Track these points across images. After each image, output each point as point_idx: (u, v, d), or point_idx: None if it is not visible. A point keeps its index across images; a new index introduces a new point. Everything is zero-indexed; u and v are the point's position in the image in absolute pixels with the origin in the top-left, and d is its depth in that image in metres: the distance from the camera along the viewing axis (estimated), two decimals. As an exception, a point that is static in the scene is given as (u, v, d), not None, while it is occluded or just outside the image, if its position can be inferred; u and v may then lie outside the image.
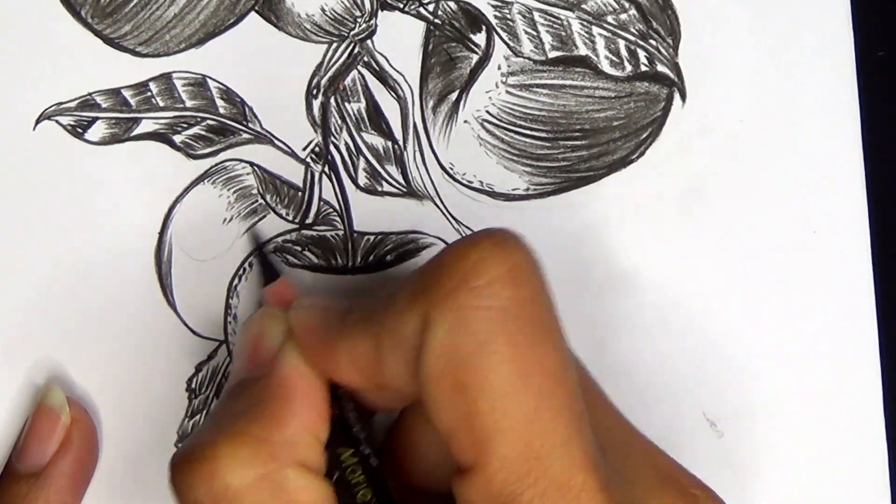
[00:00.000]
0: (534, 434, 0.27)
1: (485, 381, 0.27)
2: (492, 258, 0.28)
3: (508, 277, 0.28)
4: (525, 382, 0.27)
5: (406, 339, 0.28)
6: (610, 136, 0.40)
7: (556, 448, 0.27)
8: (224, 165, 0.39)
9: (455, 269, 0.28)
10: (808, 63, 0.40)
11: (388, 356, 0.29)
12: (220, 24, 0.39)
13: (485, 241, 0.28)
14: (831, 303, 0.40)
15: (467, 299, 0.28)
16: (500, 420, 0.27)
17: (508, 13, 0.40)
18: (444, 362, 0.28)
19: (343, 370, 0.31)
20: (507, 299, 0.28)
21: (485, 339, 0.27)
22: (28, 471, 0.37)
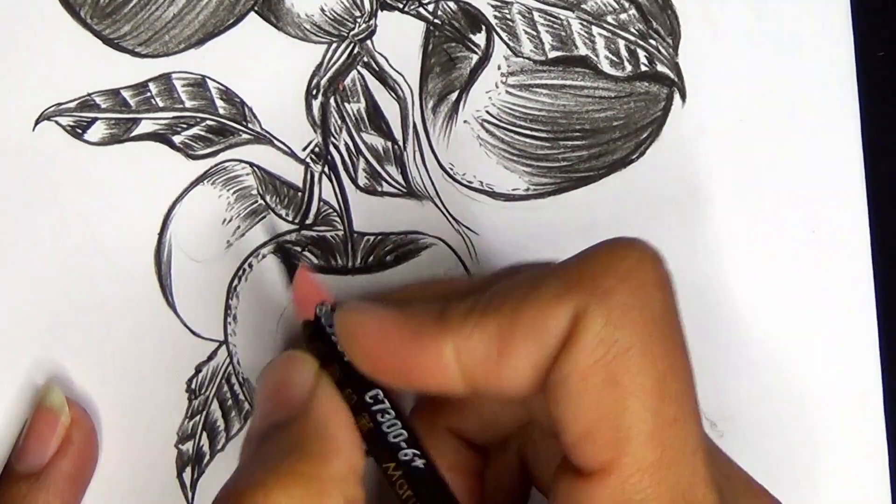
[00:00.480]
0: (671, 439, 0.27)
1: (637, 379, 0.27)
2: (648, 263, 0.29)
3: (661, 284, 0.28)
4: (669, 387, 0.28)
5: (549, 332, 0.28)
6: (610, 136, 0.40)
7: (687, 456, 0.27)
8: (224, 166, 0.39)
9: (615, 267, 0.28)
10: (808, 63, 0.40)
11: (518, 351, 0.28)
12: (219, 24, 0.39)
13: (639, 245, 0.29)
14: (831, 302, 0.40)
15: (627, 297, 0.28)
16: (645, 421, 0.27)
17: (508, 13, 0.40)
18: (599, 356, 0.27)
19: (435, 371, 0.29)
20: (660, 303, 0.28)
21: (641, 338, 0.27)
22: (28, 471, 0.37)
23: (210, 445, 0.39)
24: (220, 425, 0.39)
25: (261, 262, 0.39)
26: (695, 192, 0.40)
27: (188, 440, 0.39)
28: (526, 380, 0.29)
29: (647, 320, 0.28)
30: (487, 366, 0.29)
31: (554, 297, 0.28)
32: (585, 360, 0.27)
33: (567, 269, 0.29)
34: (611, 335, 0.27)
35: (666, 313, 0.28)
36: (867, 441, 0.40)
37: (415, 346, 0.30)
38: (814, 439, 0.40)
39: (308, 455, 0.30)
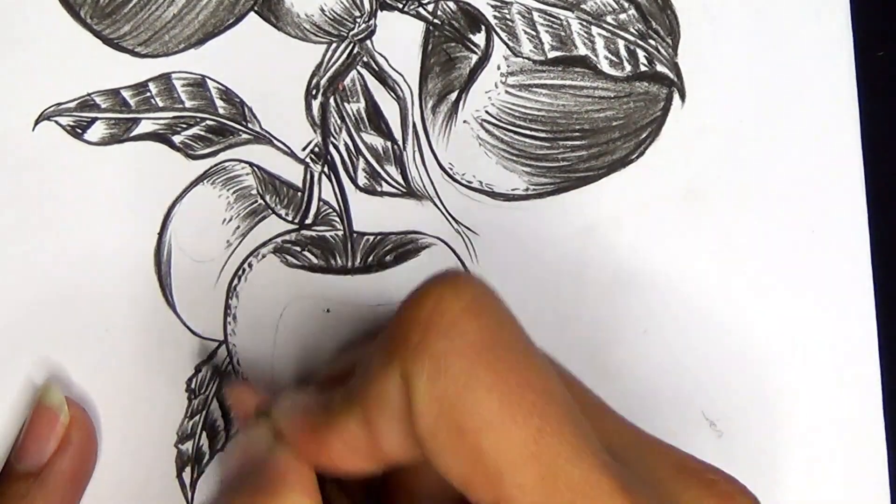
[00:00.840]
0: (543, 451, 0.27)
1: (479, 416, 0.27)
2: (448, 298, 0.28)
3: (469, 311, 0.28)
4: (518, 405, 0.27)
5: (393, 405, 0.28)
6: (609, 136, 0.40)
7: (571, 458, 0.27)
8: (223, 166, 0.39)
9: (416, 320, 0.28)
10: (808, 63, 0.40)
11: (381, 429, 0.29)
12: (219, 24, 0.39)
13: (436, 285, 0.29)
14: (831, 302, 0.40)
15: (437, 344, 0.28)
16: (508, 450, 0.27)
17: (508, 13, 0.40)
18: (436, 412, 0.27)
19: (340, 458, 0.30)
20: (474, 332, 0.28)
21: (466, 376, 0.27)
22: (27, 470, 0.37)
23: (210, 445, 0.39)
24: (219, 425, 0.39)
25: (260, 261, 0.39)
26: (694, 191, 0.40)
27: (188, 440, 0.39)
28: (406, 447, 0.29)
29: (469, 354, 0.27)
30: (371, 448, 0.30)
31: (382, 372, 0.28)
32: (426, 421, 0.28)
33: (386, 339, 0.29)
34: (437, 387, 0.27)
35: (489, 335, 0.28)
36: (867, 440, 0.40)
37: (317, 443, 0.31)
38: (813, 439, 0.40)
39: (257, 493, 0.30)
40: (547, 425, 0.27)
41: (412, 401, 0.28)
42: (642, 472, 0.30)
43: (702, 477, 0.30)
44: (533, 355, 0.29)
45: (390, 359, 0.28)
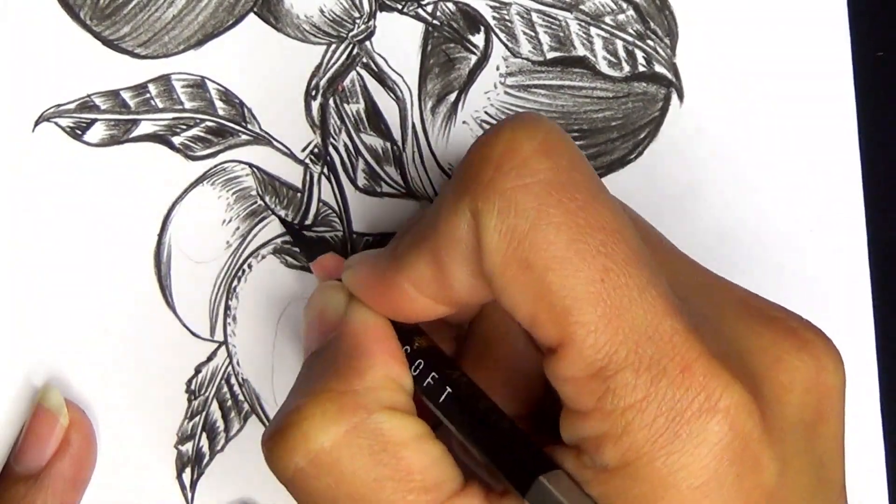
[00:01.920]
0: (609, 291, 0.27)
1: (548, 252, 0.27)
2: (520, 138, 0.28)
3: (541, 151, 0.28)
4: (586, 243, 0.27)
5: (462, 242, 0.28)
6: (608, 136, 0.40)
7: (635, 299, 0.27)
8: (223, 167, 0.39)
9: (489, 158, 0.28)
10: (806, 63, 0.40)
11: (450, 267, 0.29)
12: (218, 25, 0.39)
13: (508, 125, 0.29)
14: (829, 301, 0.40)
15: (508, 181, 0.28)
16: (573, 287, 0.27)
17: (507, 14, 0.40)
18: (504, 248, 0.28)
19: (410, 303, 0.30)
20: (546, 171, 0.28)
21: (536, 213, 0.27)
22: (26, 472, 0.37)
23: (210, 446, 0.39)
24: (219, 426, 0.39)
25: (260, 262, 0.39)
26: (692, 191, 0.40)
27: (188, 441, 0.39)
28: (474, 285, 0.29)
29: (540, 191, 0.28)
30: (441, 287, 0.30)
31: (452, 210, 0.29)
32: (495, 257, 0.28)
33: (455, 178, 0.29)
34: (506, 224, 0.28)
35: (561, 174, 0.28)
36: (864, 440, 0.40)
37: (387, 290, 0.31)
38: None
39: (339, 371, 0.30)
40: (614, 265, 0.27)
41: (481, 236, 0.28)
42: (708, 312, 0.30)
43: (766, 314, 0.30)
44: (603, 196, 0.29)
45: (461, 196, 0.28)
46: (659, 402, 0.27)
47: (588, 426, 0.28)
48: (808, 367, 0.29)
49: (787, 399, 0.29)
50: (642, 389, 0.27)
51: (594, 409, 0.27)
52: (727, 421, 0.27)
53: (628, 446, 0.27)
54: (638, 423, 0.27)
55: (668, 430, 0.27)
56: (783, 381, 0.29)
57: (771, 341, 0.29)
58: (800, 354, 0.29)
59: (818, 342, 0.30)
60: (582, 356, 0.27)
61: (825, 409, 0.29)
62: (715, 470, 0.27)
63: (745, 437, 0.27)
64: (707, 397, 0.27)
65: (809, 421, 0.29)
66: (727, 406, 0.27)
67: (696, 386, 0.27)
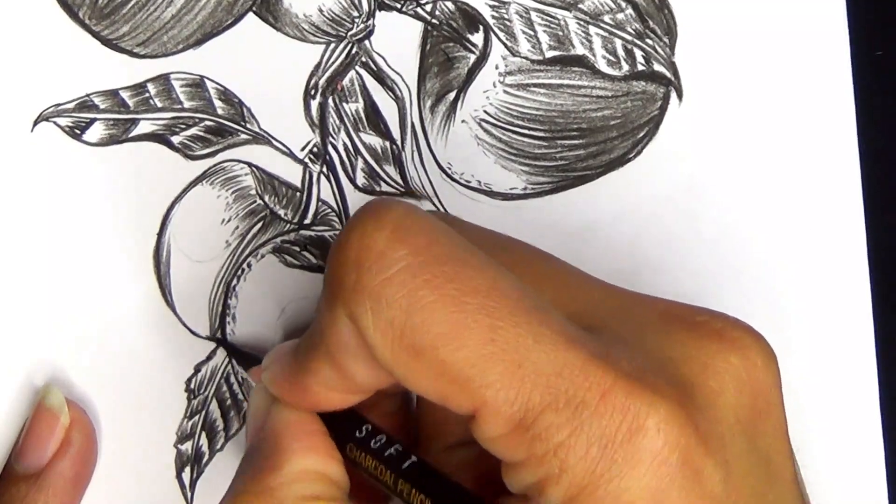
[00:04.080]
0: (502, 347, 0.27)
1: (430, 333, 0.27)
2: (371, 231, 0.28)
3: (394, 238, 0.28)
4: (464, 312, 0.27)
5: (351, 344, 0.29)
6: (607, 135, 0.40)
7: (531, 346, 0.27)
8: (222, 166, 0.39)
9: (347, 260, 0.28)
10: (805, 62, 0.40)
11: (349, 367, 0.29)
12: (217, 24, 0.39)
13: (358, 220, 0.29)
14: (828, 302, 0.40)
15: (372, 280, 0.28)
16: (466, 356, 0.27)
17: (505, 13, 0.40)
18: (389, 342, 0.28)
19: (326, 399, 0.31)
20: (404, 257, 0.28)
21: (407, 300, 0.27)
22: (27, 472, 0.37)
23: (209, 445, 0.39)
24: (219, 425, 0.39)
25: (259, 262, 0.39)
26: (691, 190, 0.40)
27: (187, 440, 0.39)
28: (377, 377, 0.29)
29: (402, 282, 0.28)
30: (347, 384, 0.30)
31: (329, 318, 0.29)
32: (385, 353, 0.28)
33: (324, 283, 0.29)
34: (382, 320, 0.28)
35: (421, 255, 0.28)
36: (864, 441, 0.40)
37: (298, 390, 0.31)
38: (811, 439, 0.40)
39: (255, 472, 0.31)
40: (499, 321, 0.27)
41: (365, 338, 0.28)
42: (625, 332, 0.29)
43: (689, 320, 0.30)
44: (471, 260, 0.28)
45: (334, 304, 0.28)
46: (587, 432, 0.27)
47: (527, 475, 0.28)
48: (737, 367, 0.29)
49: (720, 402, 0.28)
50: (567, 425, 0.27)
51: (527, 457, 0.27)
52: (659, 437, 0.27)
53: (569, 483, 0.27)
54: (572, 458, 0.27)
55: (604, 458, 0.27)
56: (713, 385, 0.28)
57: (696, 348, 0.29)
58: (726, 356, 0.29)
59: (745, 339, 0.30)
60: (498, 414, 0.27)
61: (760, 405, 0.29)
62: (657, 487, 0.27)
63: (682, 448, 0.27)
64: (634, 417, 0.27)
65: (747, 420, 0.29)
66: (656, 422, 0.27)
67: (619, 409, 0.27)
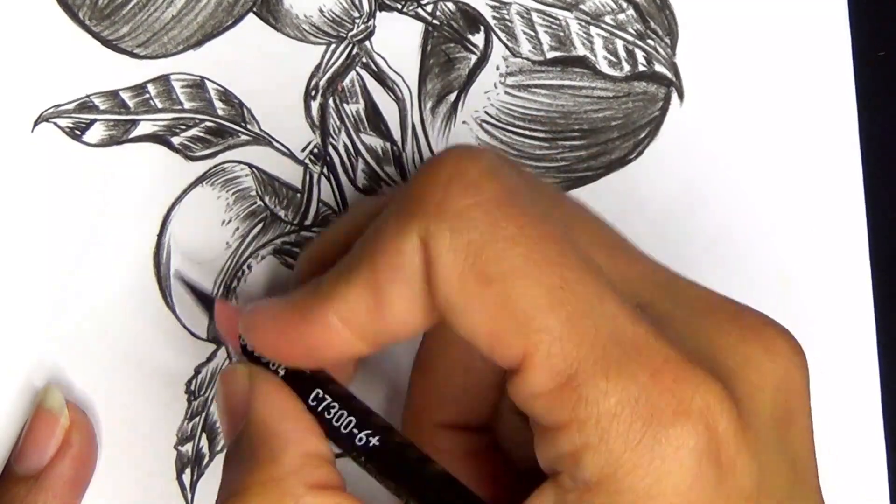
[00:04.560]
0: (569, 297, 0.27)
1: (505, 264, 0.27)
2: (466, 161, 0.28)
3: (488, 173, 0.28)
4: (542, 253, 0.27)
5: (407, 267, 0.28)
6: (608, 135, 0.40)
7: (596, 305, 0.27)
8: (223, 167, 0.39)
9: (436, 181, 0.28)
10: (806, 62, 0.40)
11: (390, 295, 0.28)
12: (218, 25, 0.39)
13: (452, 151, 0.29)
14: (829, 302, 0.40)
15: (459, 200, 0.28)
16: (535, 296, 0.27)
17: (506, 14, 0.40)
18: (461, 265, 0.27)
19: (329, 343, 0.30)
20: (494, 189, 0.28)
21: (490, 228, 0.27)
22: (27, 473, 0.37)
23: (210, 447, 0.39)
24: (219, 427, 0.39)
25: (260, 263, 0.39)
26: (692, 191, 0.40)
27: (188, 441, 0.39)
28: (414, 316, 0.29)
29: (488, 210, 0.28)
30: (373, 320, 0.29)
31: (395, 234, 0.28)
32: (451, 274, 0.27)
33: (398, 199, 0.29)
34: (461, 241, 0.27)
35: (508, 192, 0.28)
36: (866, 441, 0.40)
37: (305, 327, 0.30)
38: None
39: (258, 462, 0.30)
40: (570, 273, 0.27)
41: (435, 256, 0.28)
42: (674, 312, 0.29)
43: (733, 313, 0.30)
44: (552, 213, 0.29)
45: (407, 220, 0.28)
46: (633, 406, 0.26)
47: (565, 440, 0.27)
48: (777, 366, 0.29)
49: (759, 398, 0.28)
50: (615, 394, 0.26)
51: (569, 420, 0.27)
52: (703, 422, 0.26)
53: (608, 455, 0.26)
54: (615, 429, 0.26)
55: (647, 436, 0.26)
56: (754, 379, 0.28)
57: (739, 339, 0.29)
58: (768, 353, 0.29)
59: (784, 340, 0.30)
60: (549, 366, 0.27)
61: (794, 407, 0.29)
62: (696, 474, 0.26)
63: (722, 437, 0.27)
64: (681, 399, 0.26)
65: (781, 420, 0.29)
66: (701, 407, 0.27)
67: (668, 388, 0.27)
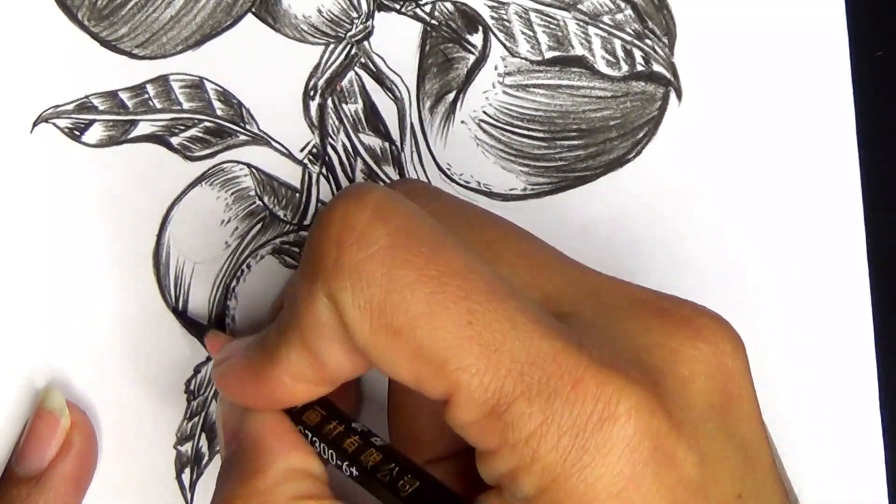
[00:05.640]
0: (479, 330, 0.27)
1: (410, 312, 0.27)
2: (352, 211, 0.28)
3: (375, 218, 0.28)
4: (444, 292, 0.28)
5: (328, 325, 0.29)
6: (606, 135, 0.40)
7: (508, 331, 0.27)
8: (222, 167, 0.39)
9: (328, 239, 0.28)
10: (804, 62, 0.40)
11: (323, 351, 0.29)
12: (216, 25, 0.39)
13: (339, 201, 0.29)
14: (827, 302, 0.40)
15: (353, 257, 0.28)
16: (444, 337, 0.27)
17: (505, 13, 0.40)
18: (368, 321, 0.28)
19: (290, 393, 0.31)
20: (384, 236, 0.28)
21: (388, 279, 0.28)
22: (28, 474, 0.37)
23: (209, 446, 0.39)
24: (219, 427, 0.39)
25: (259, 263, 0.39)
26: (691, 191, 0.40)
27: (187, 441, 0.39)
28: (353, 363, 0.29)
29: (383, 260, 0.28)
30: (318, 372, 0.30)
31: (306, 297, 0.29)
32: (362, 332, 0.28)
33: (302, 262, 0.29)
34: (362, 297, 0.28)
35: (399, 235, 0.28)
36: (864, 441, 0.40)
37: (262, 383, 0.31)
38: (811, 440, 0.40)
39: (241, 477, 0.31)
40: (476, 304, 0.27)
41: (343, 317, 0.28)
42: (597, 318, 0.29)
43: (658, 308, 0.30)
44: (449, 243, 0.29)
45: (313, 282, 0.28)
46: (559, 421, 0.27)
47: (500, 463, 0.28)
48: (706, 354, 0.29)
49: (691, 389, 0.28)
50: (539, 414, 0.27)
51: (500, 445, 0.27)
52: (630, 423, 0.27)
53: (541, 472, 0.27)
54: (544, 447, 0.27)
55: (575, 447, 0.27)
56: (683, 372, 0.29)
57: (665, 334, 0.29)
58: (695, 343, 0.29)
59: (713, 327, 0.30)
60: (472, 400, 0.27)
61: (732, 391, 0.29)
62: (630, 474, 0.27)
63: (654, 435, 0.27)
64: (605, 405, 0.27)
65: (719, 406, 0.29)
66: (627, 409, 0.27)
67: (590, 397, 0.27)
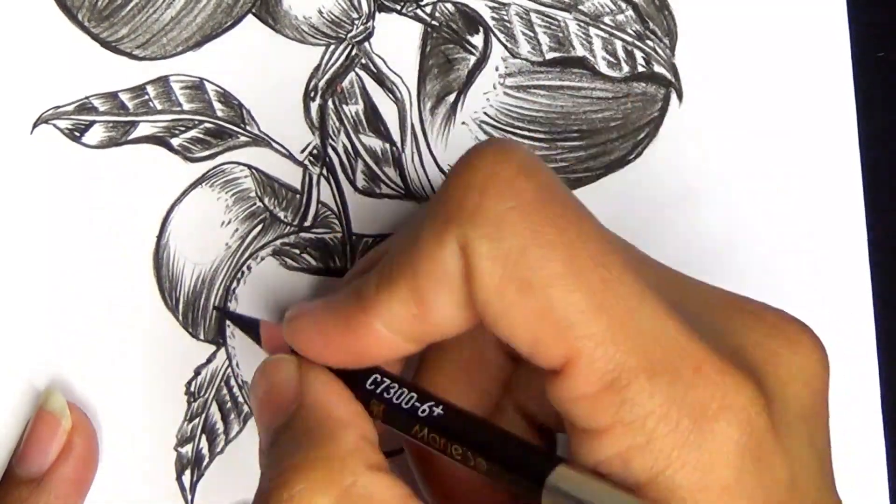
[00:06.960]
0: (611, 301, 0.27)
1: (546, 271, 0.27)
2: (500, 161, 0.28)
3: (522, 172, 0.28)
4: (582, 257, 0.27)
5: (449, 272, 0.28)
6: (607, 136, 0.40)
7: (636, 307, 0.27)
8: (222, 168, 0.39)
9: (471, 184, 0.28)
10: (805, 63, 0.40)
11: (434, 302, 0.28)
12: (217, 26, 0.39)
13: (486, 149, 0.29)
14: (829, 303, 0.40)
15: (495, 205, 0.27)
16: (576, 301, 0.27)
17: (505, 14, 0.40)
18: (500, 272, 0.27)
19: (378, 346, 0.30)
20: (531, 191, 0.28)
21: (530, 233, 0.27)
22: (29, 476, 0.37)
23: (209, 448, 0.39)
24: (219, 428, 0.39)
25: (259, 264, 0.39)
26: (692, 192, 0.40)
27: (187, 443, 0.39)
28: (458, 318, 0.29)
29: (529, 211, 0.27)
30: (418, 325, 0.29)
31: (434, 241, 0.28)
32: (491, 281, 0.27)
33: (435, 202, 0.29)
34: (500, 248, 0.27)
35: (544, 192, 0.28)
36: (864, 440, 0.40)
37: (351, 335, 0.30)
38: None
39: (316, 440, 0.30)
40: (611, 275, 0.27)
41: (474, 264, 0.27)
42: (700, 313, 0.29)
43: (755, 312, 0.30)
44: (584, 211, 0.29)
45: (445, 225, 0.28)
46: (679, 404, 0.26)
47: (608, 444, 0.27)
48: (802, 362, 0.29)
49: (788, 393, 0.29)
50: (660, 394, 0.27)
51: (612, 423, 0.27)
52: (744, 417, 0.27)
53: (657, 455, 0.26)
54: (662, 429, 0.26)
55: (693, 432, 0.26)
56: (782, 375, 0.29)
57: (765, 335, 0.29)
58: (793, 348, 0.29)
59: (806, 336, 0.30)
60: (592, 370, 0.27)
61: (818, 403, 0.30)
62: (739, 467, 0.27)
63: (759, 432, 0.27)
64: (723, 395, 0.27)
65: (807, 416, 0.29)
66: (742, 403, 0.27)
67: (710, 385, 0.27)
